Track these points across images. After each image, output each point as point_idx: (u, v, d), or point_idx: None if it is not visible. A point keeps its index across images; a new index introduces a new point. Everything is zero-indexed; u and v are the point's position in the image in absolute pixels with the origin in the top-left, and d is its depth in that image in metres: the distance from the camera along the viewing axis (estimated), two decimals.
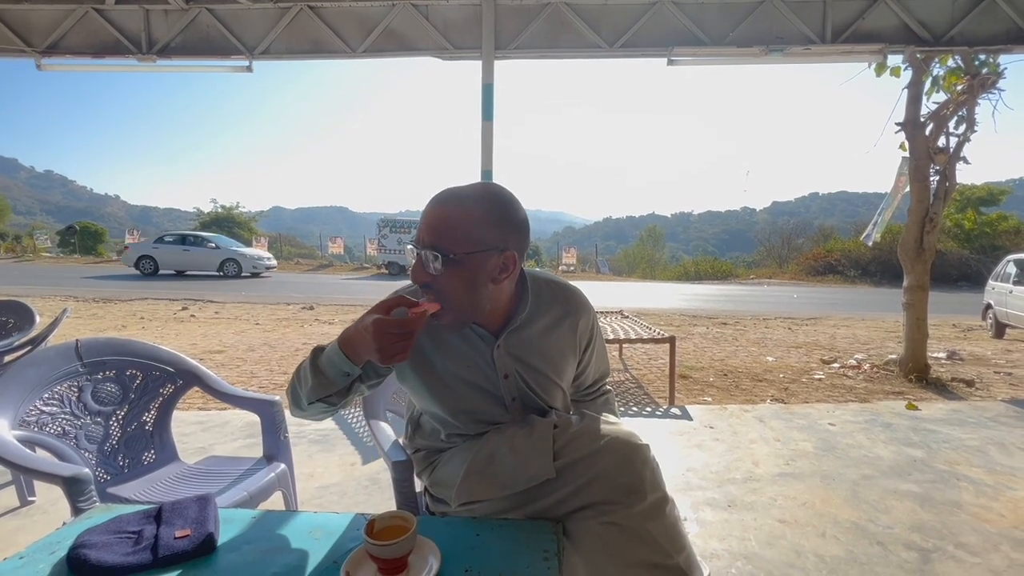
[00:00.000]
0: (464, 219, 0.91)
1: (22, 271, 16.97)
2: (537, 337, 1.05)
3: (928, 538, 1.85)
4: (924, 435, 2.94)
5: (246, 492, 1.31)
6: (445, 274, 0.91)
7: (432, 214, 0.93)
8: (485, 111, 2.96)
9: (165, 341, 5.84)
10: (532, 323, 1.04)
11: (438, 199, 0.94)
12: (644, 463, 0.93)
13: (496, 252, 0.93)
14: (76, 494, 1.04)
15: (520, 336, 1.03)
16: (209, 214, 36.45)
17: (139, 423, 1.47)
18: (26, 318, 2.74)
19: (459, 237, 0.90)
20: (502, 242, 0.94)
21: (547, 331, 1.06)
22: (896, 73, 4.35)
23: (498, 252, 0.93)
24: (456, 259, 0.90)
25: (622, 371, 4.66)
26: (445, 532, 0.86)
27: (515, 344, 1.03)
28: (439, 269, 0.91)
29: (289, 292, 12.25)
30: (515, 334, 1.03)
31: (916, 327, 4.50)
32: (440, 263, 0.90)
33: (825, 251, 24.36)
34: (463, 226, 0.91)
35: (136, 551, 0.81)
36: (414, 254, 0.95)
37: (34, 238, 30.43)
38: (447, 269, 0.91)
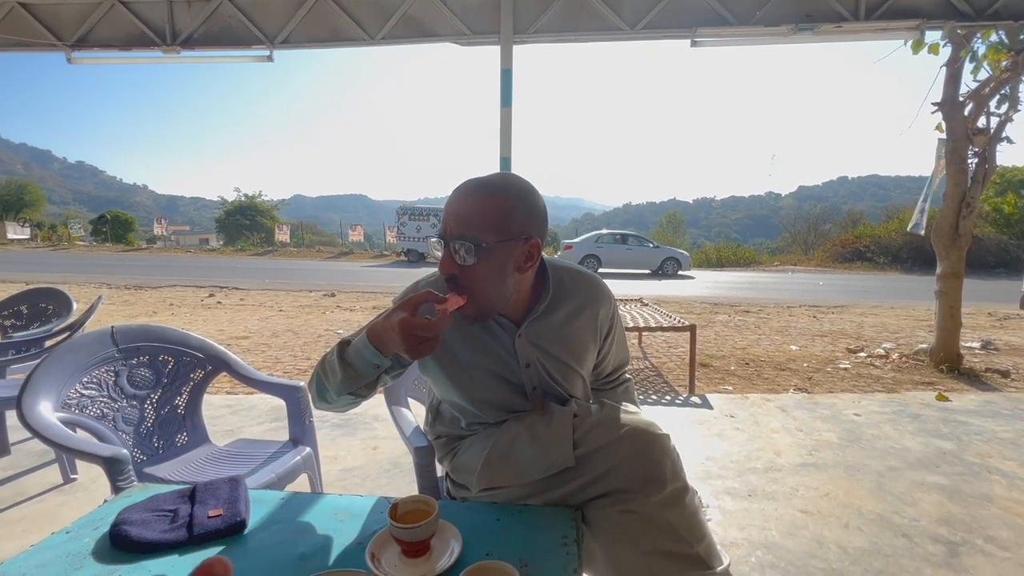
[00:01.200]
0: (491, 208, 0.92)
1: (68, 260, 17.64)
2: (558, 326, 1.05)
3: (956, 531, 1.81)
4: (954, 426, 2.86)
5: (274, 474, 1.35)
6: (475, 265, 0.92)
7: (459, 204, 0.93)
8: (504, 97, 2.93)
9: (194, 327, 6.03)
10: (553, 312, 1.05)
11: (463, 190, 0.94)
12: (664, 453, 0.93)
13: (522, 240, 0.94)
14: (115, 473, 1.09)
15: (541, 325, 1.04)
16: (233, 203, 37.23)
17: (172, 406, 1.53)
18: (64, 304, 2.85)
19: (488, 226, 0.91)
20: (527, 230, 0.95)
21: (568, 320, 1.06)
22: (934, 50, 4.14)
23: (524, 240, 0.94)
24: (487, 248, 0.91)
25: (641, 359, 4.64)
26: (466, 517, 0.88)
27: (536, 333, 1.03)
28: (470, 260, 0.91)
29: (311, 279, 12.48)
30: (536, 323, 1.03)
31: (949, 316, 4.35)
32: (471, 253, 0.90)
33: (854, 237, 23.64)
34: (491, 215, 0.92)
35: (173, 528, 0.85)
36: (440, 247, 0.95)
37: (68, 227, 31.58)
38: (477, 259, 0.91)
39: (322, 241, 34.49)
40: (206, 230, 55.44)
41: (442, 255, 0.94)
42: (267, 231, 31.06)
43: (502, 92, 2.92)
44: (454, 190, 0.96)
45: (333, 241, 33.97)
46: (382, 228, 26.62)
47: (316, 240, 34.14)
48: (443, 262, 0.94)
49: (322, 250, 26.20)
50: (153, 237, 30.75)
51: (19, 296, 2.92)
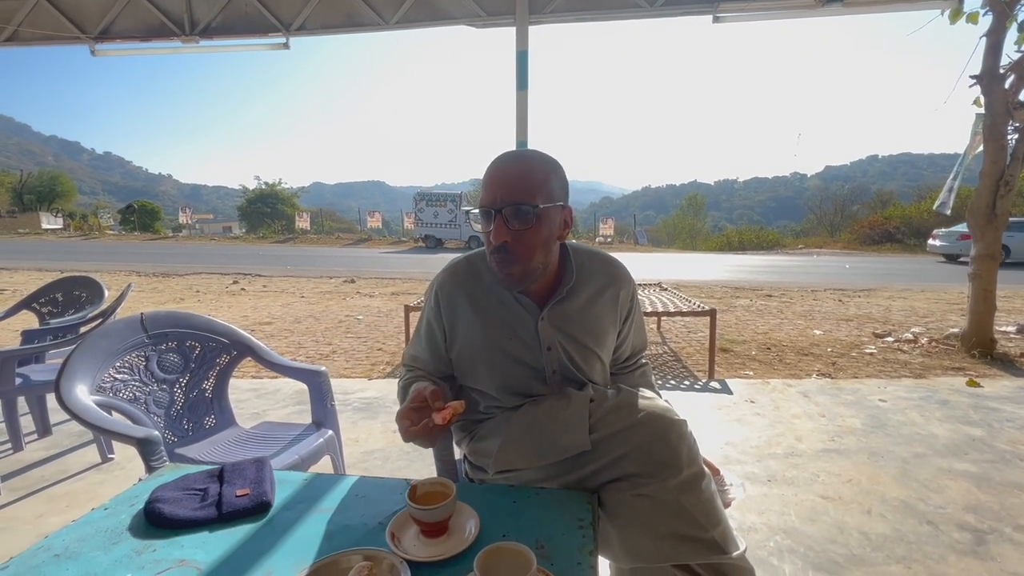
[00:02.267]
0: (536, 174, 0.97)
1: (100, 248, 18.24)
2: (580, 309, 1.06)
3: (984, 519, 1.77)
4: (985, 413, 2.78)
5: (298, 455, 1.40)
6: (528, 229, 0.95)
7: (505, 173, 0.96)
8: (520, 80, 2.89)
9: (219, 313, 6.20)
10: (575, 295, 1.06)
11: (506, 159, 0.98)
12: (680, 438, 0.93)
13: (562, 206, 1.00)
14: (149, 453, 1.14)
15: (564, 308, 1.05)
16: (254, 191, 37.82)
17: (199, 390, 1.58)
18: (96, 292, 2.95)
19: (535, 191, 0.95)
20: (564, 197, 1.01)
21: (590, 302, 1.07)
22: (973, 19, 3.93)
23: (562, 207, 1.00)
24: (537, 212, 0.95)
25: (660, 344, 4.60)
26: (484, 499, 0.90)
27: (559, 316, 1.05)
28: (522, 224, 0.94)
29: (331, 266, 12.66)
30: (559, 306, 1.05)
31: (983, 299, 4.20)
32: (523, 218, 0.94)
33: (883, 218, 22.88)
34: (536, 180, 0.96)
35: (203, 506, 0.88)
36: (484, 219, 0.98)
37: (99, 217, 32.58)
38: (529, 223, 0.95)
39: (341, 228, 34.88)
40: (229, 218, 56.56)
41: (494, 224, 0.95)
42: (288, 218, 31.53)
43: (518, 74, 2.88)
44: (493, 163, 0.98)
45: (352, 228, 34.31)
46: (400, 214, 26.76)
47: (335, 227, 34.54)
48: (497, 230, 0.95)
49: (341, 237, 26.51)
50: (179, 226, 31.52)
51: (54, 284, 3.03)
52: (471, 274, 1.08)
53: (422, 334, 1.13)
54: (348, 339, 4.85)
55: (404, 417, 0.91)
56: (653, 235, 32.82)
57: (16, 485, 2.04)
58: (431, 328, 1.11)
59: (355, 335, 5.01)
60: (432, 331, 1.11)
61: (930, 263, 14.42)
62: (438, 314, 1.09)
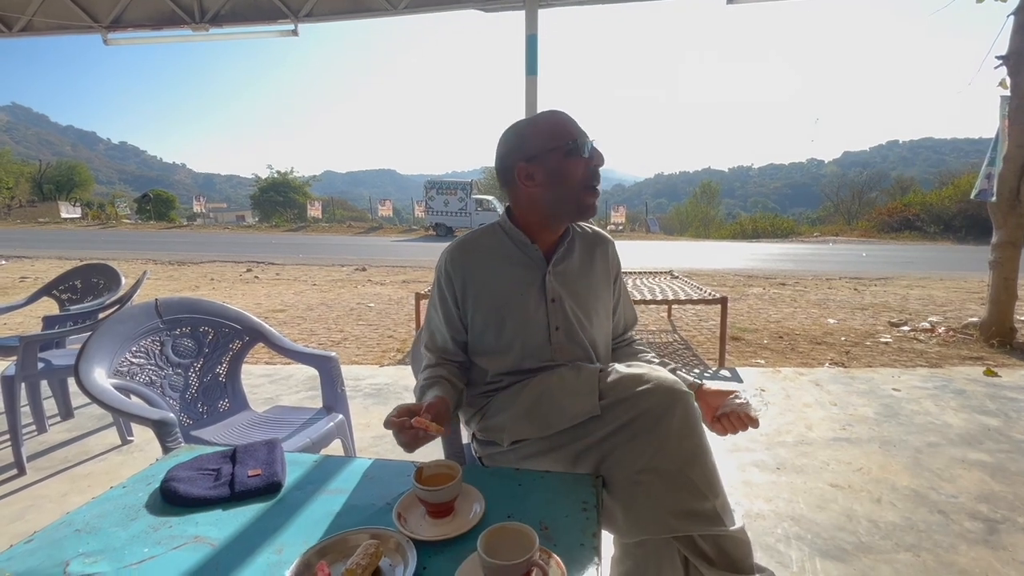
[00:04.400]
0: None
1: (117, 237, 18.57)
2: (578, 266, 1.17)
3: (997, 509, 1.75)
4: (1002, 403, 2.73)
5: (309, 439, 1.42)
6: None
7: (572, 118, 1.09)
8: (529, 65, 2.85)
9: (233, 301, 6.29)
10: (573, 250, 1.17)
11: (555, 112, 1.10)
12: (686, 409, 0.94)
13: None
14: (164, 435, 1.17)
15: (566, 264, 1.15)
16: (266, 179, 38.07)
17: (213, 375, 1.61)
18: (113, 279, 3.01)
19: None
20: None
21: (585, 259, 1.18)
22: None
23: None
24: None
25: (670, 332, 4.58)
26: (489, 482, 0.91)
27: (563, 271, 1.15)
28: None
29: (343, 254, 12.75)
30: (563, 262, 1.15)
31: (1004, 287, 4.10)
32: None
33: (902, 205, 22.38)
34: None
35: (217, 486, 0.91)
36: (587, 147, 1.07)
37: (115, 206, 33.10)
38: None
39: (352, 216, 35.06)
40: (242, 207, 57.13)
41: (593, 152, 1.08)
42: (300, 207, 31.75)
43: (527, 59, 2.84)
44: (557, 114, 1.09)
45: (363, 216, 34.47)
46: (410, 202, 26.81)
47: (347, 215, 34.71)
48: (600, 156, 1.09)
49: (352, 225, 26.64)
50: (193, 214, 31.92)
51: (73, 272, 3.10)
52: (476, 245, 1.16)
53: (436, 304, 1.18)
54: (359, 326, 4.90)
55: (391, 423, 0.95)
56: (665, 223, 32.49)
57: (41, 465, 2.11)
58: (444, 296, 1.16)
59: (366, 322, 5.06)
60: (445, 299, 1.16)
61: (950, 251, 14.10)
62: (450, 283, 1.15)
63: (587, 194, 1.09)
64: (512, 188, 1.12)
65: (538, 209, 1.11)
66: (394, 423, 0.92)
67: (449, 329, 1.16)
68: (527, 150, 1.07)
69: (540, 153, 1.06)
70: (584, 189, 1.09)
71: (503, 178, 1.13)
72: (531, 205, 1.11)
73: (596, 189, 1.10)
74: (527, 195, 1.10)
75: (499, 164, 1.13)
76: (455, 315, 1.15)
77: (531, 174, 1.08)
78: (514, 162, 1.09)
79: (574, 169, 1.07)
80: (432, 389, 1.07)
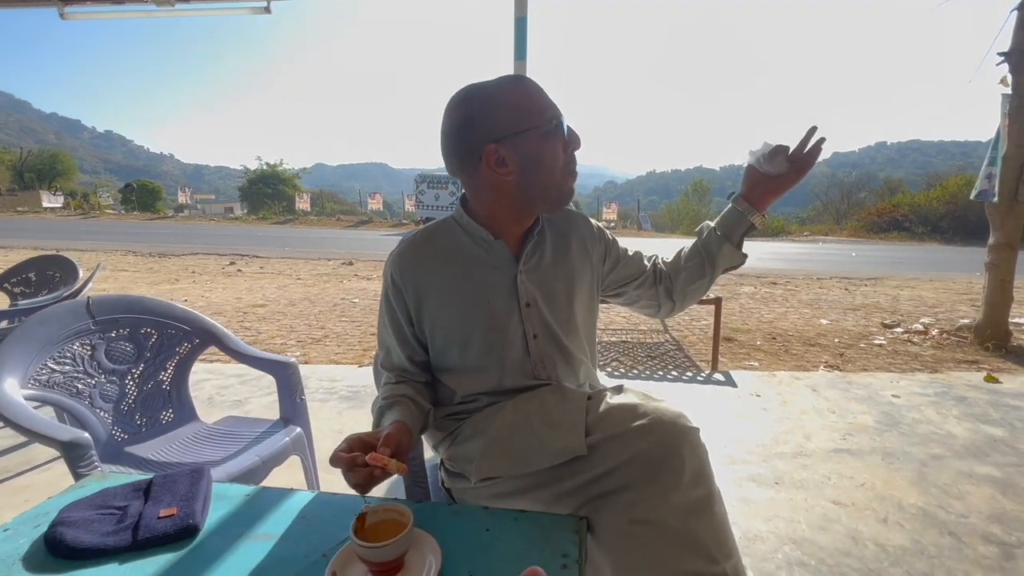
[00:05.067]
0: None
1: (98, 227, 18.10)
2: (552, 258, 1.00)
3: (1011, 531, 1.64)
4: (1006, 411, 2.63)
5: (258, 456, 1.26)
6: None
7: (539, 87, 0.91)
8: (518, 49, 2.68)
9: (214, 294, 6.07)
10: (544, 241, 1.00)
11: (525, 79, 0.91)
12: (692, 449, 0.78)
13: None
14: (75, 460, 1.00)
15: (538, 259, 0.99)
16: (255, 171, 37.49)
17: (156, 382, 1.44)
18: (71, 272, 2.81)
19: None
20: None
21: (559, 249, 1.01)
22: None
23: None
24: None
25: (662, 332, 4.46)
26: (451, 524, 0.76)
27: (535, 268, 0.98)
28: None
29: (330, 248, 12.50)
30: (533, 258, 0.98)
31: (1000, 289, 4.03)
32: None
33: (891, 206, 22.58)
34: None
35: (117, 531, 0.74)
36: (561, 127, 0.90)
37: (99, 196, 32.39)
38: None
39: (342, 210, 34.64)
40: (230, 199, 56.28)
41: (569, 132, 0.92)
42: (289, 199, 31.31)
43: (516, 43, 2.67)
44: (527, 83, 0.90)
45: (354, 210, 34.05)
46: (401, 196, 26.49)
47: (336, 209, 34.29)
48: (578, 137, 0.93)
49: (342, 219, 26.30)
50: (180, 206, 31.33)
51: (27, 263, 2.90)
52: (428, 248, 0.97)
53: (387, 322, 1.00)
54: (342, 323, 4.73)
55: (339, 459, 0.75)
56: (657, 220, 32.53)
57: None
58: (393, 313, 0.98)
59: (349, 319, 4.88)
60: (395, 316, 0.98)
61: (937, 251, 14.18)
62: (400, 297, 0.96)
63: (568, 179, 0.93)
64: (473, 174, 0.92)
65: (507, 199, 0.92)
66: (342, 459, 0.73)
67: (404, 349, 0.99)
68: (497, 128, 0.87)
69: (514, 133, 0.87)
70: (564, 174, 0.92)
71: (460, 161, 0.92)
72: (498, 195, 0.92)
73: (576, 172, 0.95)
74: (494, 183, 0.91)
75: (454, 143, 0.90)
76: (409, 334, 0.98)
77: (503, 159, 0.88)
78: (480, 142, 0.88)
79: (554, 152, 0.90)
80: (392, 411, 0.90)
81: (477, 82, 0.92)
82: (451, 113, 0.90)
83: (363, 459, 0.72)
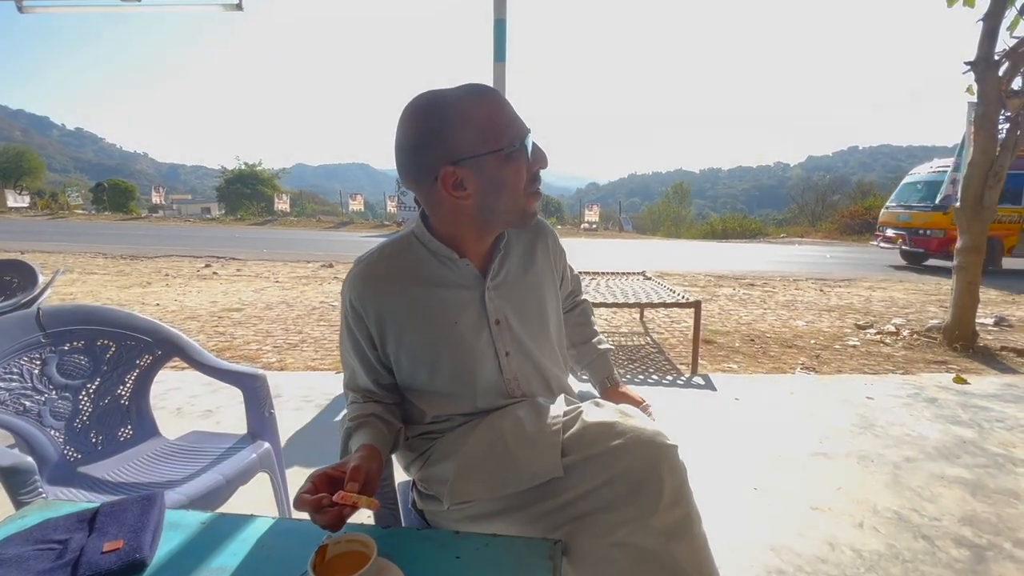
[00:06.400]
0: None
1: (66, 228, 17.47)
2: (518, 270, 0.97)
3: (981, 533, 1.66)
4: (974, 412, 2.70)
5: (222, 475, 1.20)
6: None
7: (507, 103, 0.85)
8: (497, 51, 2.66)
9: (187, 298, 5.89)
10: (510, 254, 0.97)
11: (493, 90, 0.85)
12: (671, 469, 0.76)
13: None
14: (16, 487, 0.93)
15: (505, 275, 0.95)
16: (233, 171, 36.70)
17: (113, 397, 1.37)
18: (29, 277, 2.69)
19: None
20: None
21: (526, 259, 0.99)
22: (970, 3, 3.79)
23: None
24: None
25: (643, 335, 4.47)
26: (419, 552, 0.72)
27: (502, 283, 0.94)
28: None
29: (309, 250, 12.29)
30: (500, 272, 0.94)
31: (967, 291, 4.14)
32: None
33: (863, 208, 23.19)
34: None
35: (54, 568, 0.68)
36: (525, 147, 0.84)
37: (67, 196, 31.30)
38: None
39: (323, 210, 34.14)
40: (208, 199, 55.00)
41: (534, 151, 0.86)
42: (268, 200, 30.74)
43: (495, 45, 2.65)
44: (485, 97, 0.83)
45: (334, 210, 33.59)
46: (383, 198, 26.23)
47: (317, 209, 33.79)
48: (541, 155, 0.87)
49: (322, 220, 25.91)
50: (154, 206, 30.48)
51: None
52: (388, 269, 0.90)
53: (348, 345, 0.95)
54: (320, 327, 4.63)
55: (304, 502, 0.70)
56: (638, 222, 32.87)
57: None
58: (355, 338, 0.93)
59: (328, 323, 4.78)
60: (357, 341, 0.93)
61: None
62: (360, 322, 0.91)
63: (531, 200, 0.88)
64: (429, 192, 0.85)
65: (466, 219, 0.87)
66: (307, 502, 0.68)
67: (369, 373, 0.93)
68: (455, 149, 0.80)
69: (473, 155, 0.80)
70: (528, 196, 0.87)
71: (416, 178, 0.85)
72: (455, 215, 0.86)
73: (539, 192, 0.90)
74: (452, 205, 0.84)
75: (409, 158, 0.83)
76: (372, 358, 0.92)
77: (460, 181, 0.82)
78: (435, 163, 0.81)
79: (516, 175, 0.84)
80: (359, 433, 0.86)
81: (438, 90, 0.83)
82: (406, 126, 0.83)
83: (329, 499, 0.68)
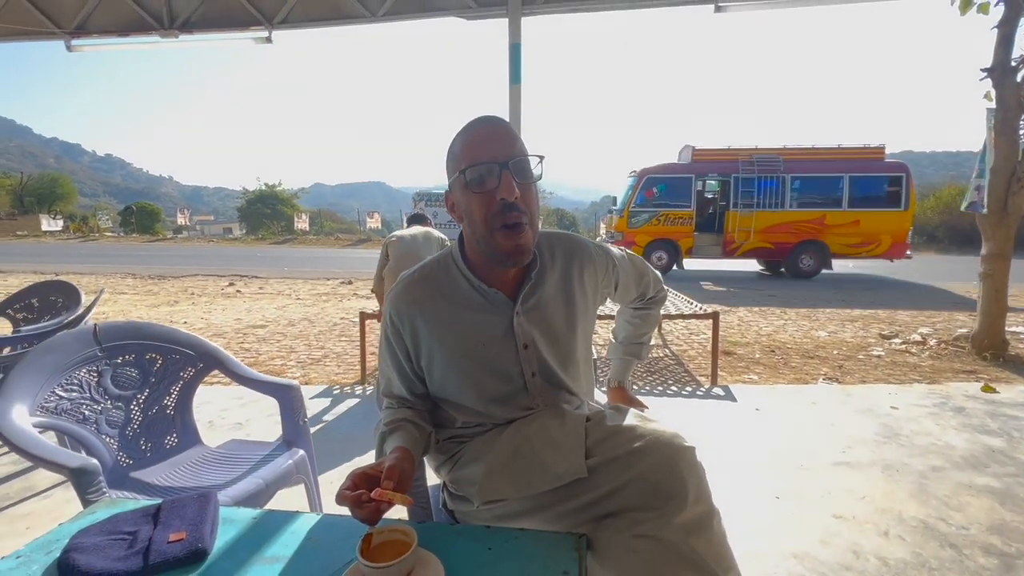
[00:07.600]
0: (514, 131, 0.90)
1: (98, 250, 18.14)
2: (553, 295, 0.97)
3: (1011, 542, 1.64)
4: (1004, 421, 2.64)
5: (262, 479, 1.27)
6: (531, 184, 0.87)
7: (496, 130, 0.87)
8: (513, 74, 2.76)
9: (213, 316, 6.08)
10: (544, 279, 0.97)
11: (488, 120, 0.88)
12: (690, 468, 0.81)
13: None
14: (84, 486, 1.02)
15: (538, 297, 0.96)
16: (254, 192, 37.73)
17: (160, 407, 1.46)
18: (73, 297, 2.84)
19: (523, 146, 0.88)
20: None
21: (561, 285, 0.98)
22: (984, 10, 3.80)
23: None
24: (538, 165, 0.89)
25: (661, 347, 4.48)
26: (454, 544, 0.77)
27: (533, 307, 0.95)
28: (528, 179, 0.86)
29: (329, 267, 12.55)
30: (533, 296, 0.95)
31: (994, 299, 4.07)
32: (529, 170, 0.87)
33: None
34: (518, 136, 0.89)
35: (128, 556, 0.76)
36: (493, 173, 0.84)
37: (98, 219, 32.54)
38: (532, 179, 0.88)
39: (341, 229, 34.82)
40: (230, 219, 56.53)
41: (502, 181, 0.84)
42: (287, 219, 31.48)
43: (511, 68, 2.75)
44: (473, 127, 0.87)
45: (352, 228, 34.23)
46: (400, 215, 26.69)
47: (335, 228, 34.47)
48: (507, 185, 0.84)
49: (340, 238, 26.42)
50: (179, 227, 31.48)
51: (30, 289, 2.92)
52: (428, 285, 0.96)
53: (387, 356, 1.01)
54: (342, 342, 4.74)
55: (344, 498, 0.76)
56: None
57: None
58: (392, 350, 1.00)
59: (349, 338, 4.89)
60: (395, 353, 0.99)
61: (933, 261, 14.26)
62: (399, 336, 0.97)
63: (498, 235, 0.85)
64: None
65: (474, 247, 0.92)
66: (348, 498, 0.74)
67: (404, 382, 1.00)
68: (448, 174, 0.90)
69: (451, 180, 0.89)
70: (492, 231, 0.85)
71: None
72: (468, 241, 0.93)
73: (513, 229, 0.84)
74: (463, 229, 0.93)
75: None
76: (408, 369, 0.99)
77: (453, 206, 0.92)
78: (448, 188, 0.92)
79: (473, 205, 0.86)
80: (393, 436, 0.92)
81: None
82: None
83: (368, 495, 0.74)
